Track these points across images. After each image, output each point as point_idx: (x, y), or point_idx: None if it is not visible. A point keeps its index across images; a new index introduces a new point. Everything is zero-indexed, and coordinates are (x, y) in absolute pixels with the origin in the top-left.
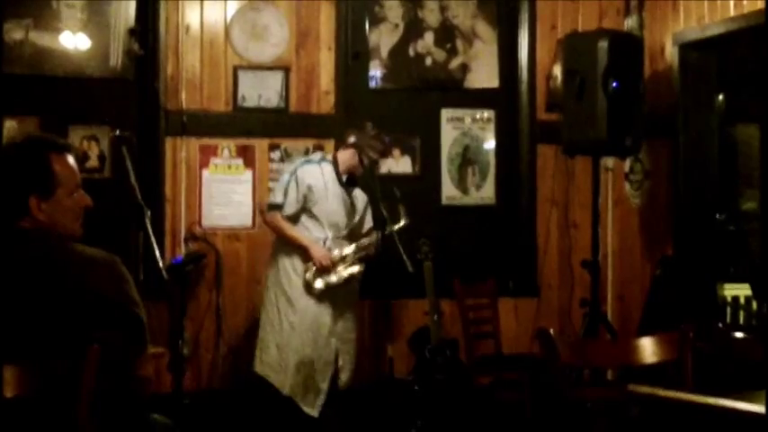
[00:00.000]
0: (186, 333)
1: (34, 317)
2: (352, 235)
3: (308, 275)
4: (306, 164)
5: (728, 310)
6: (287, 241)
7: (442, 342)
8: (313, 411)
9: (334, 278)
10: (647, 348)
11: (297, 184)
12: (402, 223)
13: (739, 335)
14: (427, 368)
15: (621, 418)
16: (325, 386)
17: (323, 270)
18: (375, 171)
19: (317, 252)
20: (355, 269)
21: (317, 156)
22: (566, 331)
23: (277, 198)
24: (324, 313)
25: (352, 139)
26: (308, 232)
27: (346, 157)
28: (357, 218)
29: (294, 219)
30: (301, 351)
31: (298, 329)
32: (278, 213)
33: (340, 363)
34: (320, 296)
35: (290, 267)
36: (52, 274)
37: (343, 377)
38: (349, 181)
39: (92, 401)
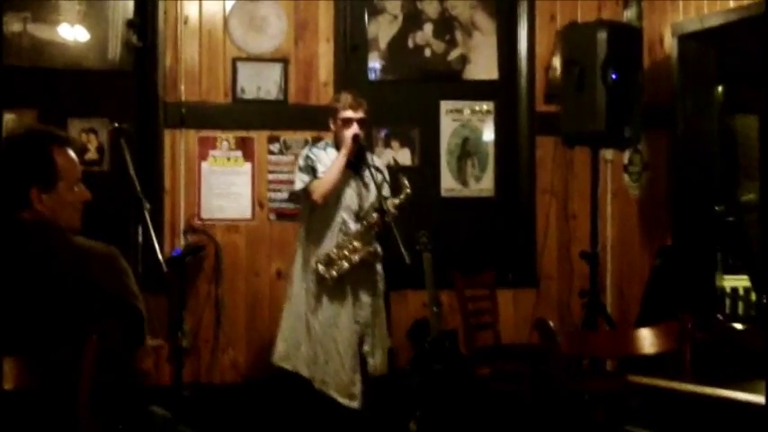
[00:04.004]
0: (186, 325)
1: (33, 309)
2: (368, 217)
3: (320, 268)
4: (313, 147)
5: (727, 300)
6: (333, 178)
7: (442, 333)
8: (352, 403)
9: (345, 264)
10: (647, 339)
11: (315, 160)
12: (403, 196)
13: (738, 326)
14: (426, 359)
15: (620, 408)
16: (357, 376)
17: (331, 262)
18: (361, 141)
19: (348, 142)
20: (364, 251)
21: (321, 143)
22: (565, 322)
23: (304, 178)
24: (345, 301)
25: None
26: (322, 218)
27: (334, 131)
28: (371, 199)
29: (307, 206)
30: (327, 343)
31: (322, 321)
32: (315, 181)
33: (366, 348)
34: (340, 284)
35: (312, 260)
36: (52, 267)
37: (372, 362)
38: (358, 161)
39: (91, 393)
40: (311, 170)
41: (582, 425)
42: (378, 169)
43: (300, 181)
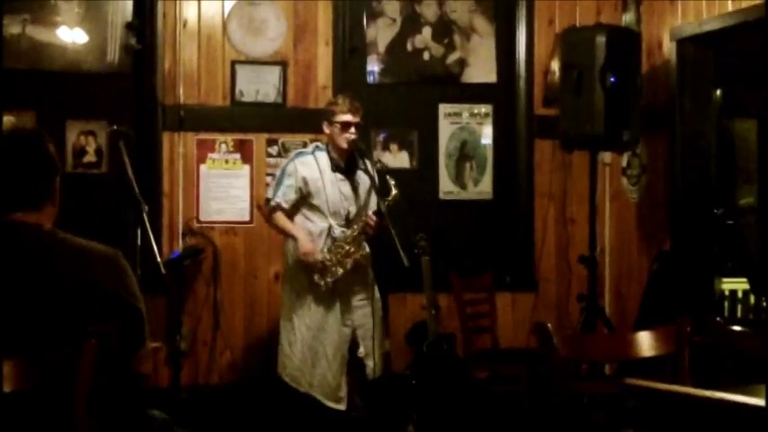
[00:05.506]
0: (184, 327)
1: (33, 310)
2: (358, 220)
3: (317, 279)
4: (299, 156)
5: (726, 304)
6: (279, 233)
7: (440, 336)
8: (338, 405)
9: (340, 270)
10: (645, 342)
11: (288, 177)
12: (392, 196)
13: (737, 329)
14: (424, 362)
15: (619, 411)
16: (344, 379)
17: (325, 269)
18: (360, 144)
19: (303, 248)
20: (357, 255)
21: (310, 146)
22: (563, 326)
23: (268, 193)
24: (333, 305)
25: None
26: (311, 223)
27: (327, 134)
28: (361, 202)
29: (295, 211)
30: (315, 347)
31: (310, 325)
32: (268, 208)
33: (362, 351)
34: (328, 289)
35: (297, 265)
36: (52, 267)
37: (370, 364)
38: (349, 165)
39: (90, 395)
40: (275, 189)
41: (580, 428)
42: (368, 173)
43: (271, 192)
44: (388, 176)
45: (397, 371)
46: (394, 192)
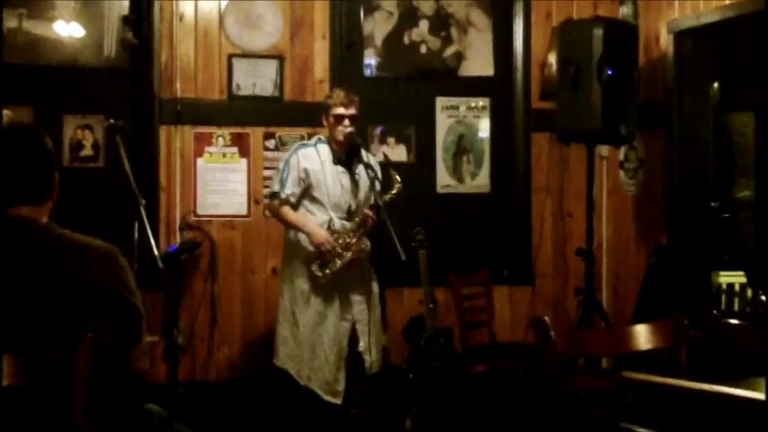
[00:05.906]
0: (181, 322)
1: (31, 306)
2: (359, 214)
3: (315, 270)
4: (301, 148)
5: (723, 297)
6: (290, 227)
7: (437, 331)
8: (335, 399)
9: (338, 263)
10: (642, 336)
11: (292, 169)
12: (396, 189)
13: (734, 322)
14: (422, 357)
15: (615, 405)
16: (341, 373)
17: (326, 260)
18: (357, 137)
19: (318, 238)
20: (357, 247)
21: (312, 139)
22: (560, 320)
23: (274, 187)
24: (333, 299)
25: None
26: (312, 216)
27: (327, 128)
28: (362, 196)
29: (296, 204)
30: (313, 340)
31: (309, 319)
32: (276, 201)
33: (362, 345)
34: (327, 283)
35: (298, 258)
36: (50, 263)
37: (369, 359)
38: (350, 158)
39: (87, 391)
40: (281, 183)
41: (577, 423)
42: (370, 166)
43: (277, 185)
44: (391, 170)
45: (394, 365)
46: (398, 186)
